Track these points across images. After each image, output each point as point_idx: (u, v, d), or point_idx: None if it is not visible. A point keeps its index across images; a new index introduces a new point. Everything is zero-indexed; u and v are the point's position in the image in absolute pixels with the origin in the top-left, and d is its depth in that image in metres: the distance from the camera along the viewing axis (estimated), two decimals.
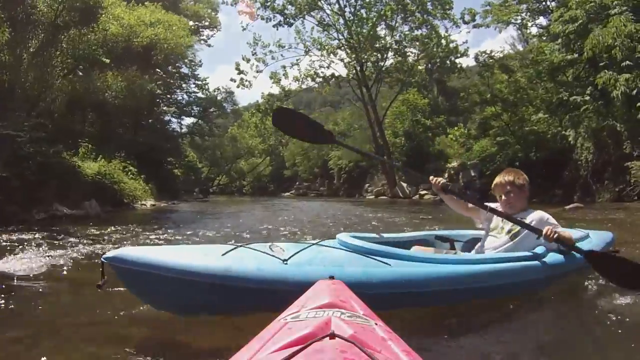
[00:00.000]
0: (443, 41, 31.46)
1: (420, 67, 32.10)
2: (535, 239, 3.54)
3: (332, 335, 1.07)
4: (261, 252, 2.98)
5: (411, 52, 32.26)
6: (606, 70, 16.20)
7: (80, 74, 18.29)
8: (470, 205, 3.90)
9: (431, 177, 3.74)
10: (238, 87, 34.38)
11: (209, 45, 38.44)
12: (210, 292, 2.75)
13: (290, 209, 18.50)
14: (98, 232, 8.35)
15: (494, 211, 3.63)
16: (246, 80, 34.03)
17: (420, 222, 11.01)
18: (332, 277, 1.74)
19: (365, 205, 21.59)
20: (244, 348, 1.17)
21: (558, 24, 20.04)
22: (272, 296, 2.57)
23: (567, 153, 20.80)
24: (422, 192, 28.73)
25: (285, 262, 2.83)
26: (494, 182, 3.76)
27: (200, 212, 17.12)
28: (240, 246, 3.09)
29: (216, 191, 55.69)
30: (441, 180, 3.75)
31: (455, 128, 32.06)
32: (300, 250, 3.01)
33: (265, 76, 48.53)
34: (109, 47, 19.12)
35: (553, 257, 3.57)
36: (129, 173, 19.27)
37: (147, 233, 8.53)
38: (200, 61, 38.96)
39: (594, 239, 4.34)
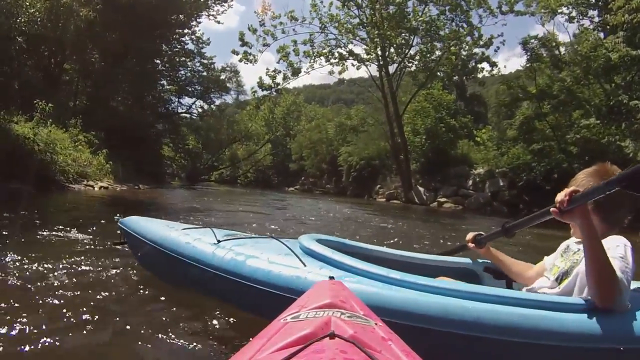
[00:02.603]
0: (475, 32, 28.42)
1: (451, 56, 28.74)
2: None
3: (332, 335, 1.08)
4: (214, 234, 3.25)
5: (441, 37, 28.94)
6: None
7: None
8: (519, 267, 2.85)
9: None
10: (241, 61, 29.73)
11: (218, 22, 35.59)
12: (167, 260, 3.28)
13: (288, 208, 16.17)
14: None
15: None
16: (250, 54, 29.56)
17: (450, 239, 8.74)
18: (331, 278, 1.79)
19: (376, 210, 19.35)
20: (243, 348, 1.17)
21: (623, 12, 17.30)
22: (200, 273, 3.00)
23: (623, 168, 17.87)
24: (442, 200, 25.93)
25: (216, 244, 3.08)
26: (575, 178, 2.39)
27: (159, 205, 13.89)
28: (206, 227, 3.58)
29: (217, 179, 53.69)
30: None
31: (483, 130, 29.22)
32: (246, 238, 3.32)
33: (270, 58, 45.20)
34: None
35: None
36: (86, 146, 16.70)
37: None
38: (208, 39, 37.58)
39: None
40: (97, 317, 2.85)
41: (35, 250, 4.55)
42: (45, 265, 3.93)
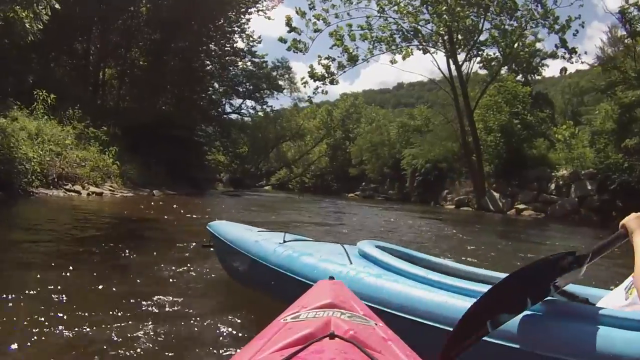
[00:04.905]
0: (550, 16, 25.83)
1: (528, 41, 26.22)
2: None
3: (332, 336, 1.09)
4: (284, 236, 3.64)
5: (518, 18, 26.38)
6: None
7: None
8: None
9: None
10: (289, 49, 27.04)
11: (269, 18, 34.40)
12: (239, 258, 3.84)
13: (351, 216, 15.57)
14: None
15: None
16: (300, 42, 26.69)
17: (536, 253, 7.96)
18: (332, 278, 1.78)
19: (446, 219, 17.70)
20: (244, 348, 1.20)
21: None
22: (264, 271, 3.36)
23: None
24: (520, 206, 23.75)
25: (281, 244, 3.47)
26: None
27: (153, 224, 9.77)
28: (280, 231, 4.00)
29: (272, 184, 52.87)
30: None
31: (564, 126, 26.73)
32: (312, 241, 3.93)
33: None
34: None
35: None
36: (95, 143, 15.81)
37: None
38: (259, 37, 36.66)
39: None
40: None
41: None
42: None
